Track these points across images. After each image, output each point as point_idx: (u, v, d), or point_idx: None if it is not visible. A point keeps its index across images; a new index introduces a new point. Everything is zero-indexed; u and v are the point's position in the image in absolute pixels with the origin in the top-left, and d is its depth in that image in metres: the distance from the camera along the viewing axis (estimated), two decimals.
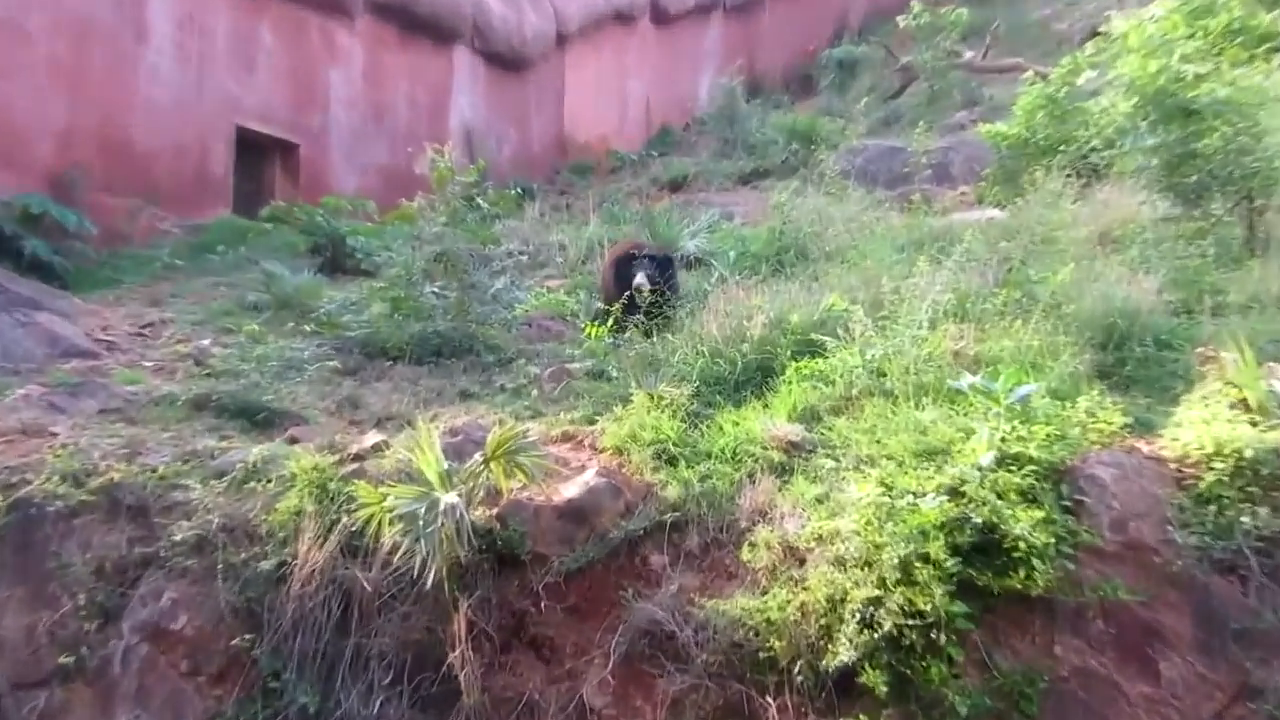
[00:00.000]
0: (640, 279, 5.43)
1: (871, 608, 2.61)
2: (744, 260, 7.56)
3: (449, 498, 2.93)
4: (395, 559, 2.97)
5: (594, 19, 15.50)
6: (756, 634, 2.75)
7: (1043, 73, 8.09)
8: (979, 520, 2.61)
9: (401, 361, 5.53)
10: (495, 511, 3.25)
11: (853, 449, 3.25)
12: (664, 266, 5.53)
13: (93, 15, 8.54)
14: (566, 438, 3.97)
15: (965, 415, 3.14)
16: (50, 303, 6.19)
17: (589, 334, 4.96)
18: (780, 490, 3.23)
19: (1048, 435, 2.85)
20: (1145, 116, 5.53)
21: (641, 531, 3.17)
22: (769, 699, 2.68)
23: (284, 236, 9.13)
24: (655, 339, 4.75)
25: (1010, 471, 2.72)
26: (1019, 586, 2.56)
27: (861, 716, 2.57)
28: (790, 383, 3.89)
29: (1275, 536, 2.63)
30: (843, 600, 2.68)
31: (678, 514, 3.20)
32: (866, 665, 2.56)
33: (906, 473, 2.91)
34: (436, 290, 6.30)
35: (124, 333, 5.85)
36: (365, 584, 3.02)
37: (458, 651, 2.91)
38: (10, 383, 4.41)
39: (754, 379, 4.17)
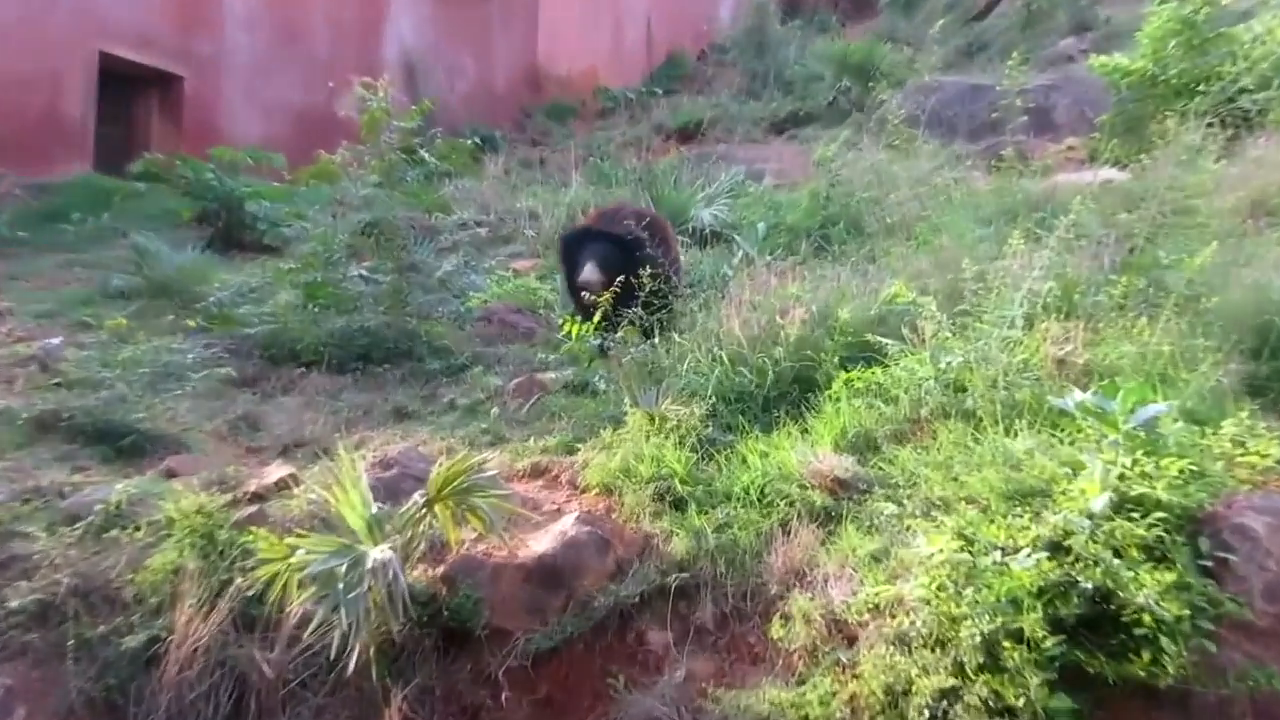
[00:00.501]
0: (588, 273, 5.33)
1: (945, 702, 2.60)
2: (777, 235, 7.60)
3: (378, 552, 2.92)
4: (306, 634, 2.96)
5: None
6: None
7: None
8: (1089, 585, 2.60)
9: (317, 368, 5.55)
10: (441, 571, 3.24)
11: (921, 489, 3.26)
12: (628, 252, 5.34)
13: None
14: (537, 472, 3.98)
15: (1071, 444, 3.14)
16: None
17: (568, 332, 4.97)
18: (824, 544, 3.23)
19: (1181, 471, 2.85)
20: None
21: (637, 599, 3.17)
22: None
23: (162, 200, 9.16)
24: (658, 340, 4.76)
25: (1131, 520, 2.72)
26: (1142, 674, 2.55)
27: None
28: (838, 399, 3.90)
29: None
30: (906, 692, 2.68)
31: (686, 576, 3.21)
32: None
33: (993, 521, 2.91)
34: (365, 273, 6.31)
35: None
36: (266, 667, 3.01)
37: None
38: None
39: (789, 394, 4.19)
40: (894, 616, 2.84)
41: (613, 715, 2.93)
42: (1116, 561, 2.63)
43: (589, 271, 5.32)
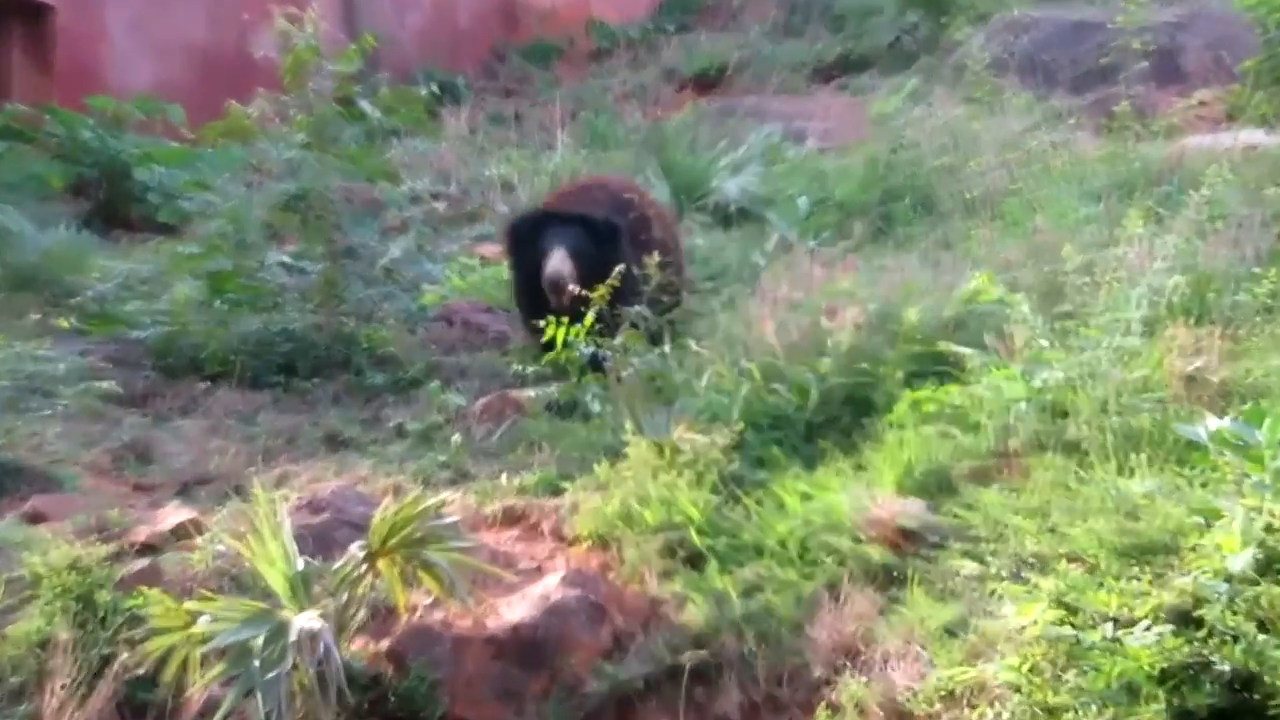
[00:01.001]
0: (555, 265, 5.37)
1: None
2: (823, 213, 7.62)
3: (306, 620, 2.93)
4: None
5: None
6: None
7: None
8: (1226, 667, 2.62)
9: (225, 383, 5.57)
10: (387, 645, 3.25)
11: (1010, 543, 3.26)
12: (606, 241, 5.44)
13: None
14: (512, 518, 3.98)
15: (1205, 486, 3.15)
16: None
17: (551, 337, 4.98)
18: (883, 613, 3.23)
19: None
20: None
21: (641, 683, 3.17)
22: None
23: (25, 164, 9.16)
24: (668, 347, 4.77)
25: None
26: None
27: None
28: (903, 426, 3.91)
29: None
30: None
31: (704, 653, 3.20)
32: None
33: (1102, 584, 2.92)
34: (288, 260, 6.33)
35: None
36: None
37: None
38: None
39: (839, 420, 4.21)
40: (974, 707, 2.84)
41: None
42: (1262, 637, 2.63)
43: (557, 266, 5.35)
